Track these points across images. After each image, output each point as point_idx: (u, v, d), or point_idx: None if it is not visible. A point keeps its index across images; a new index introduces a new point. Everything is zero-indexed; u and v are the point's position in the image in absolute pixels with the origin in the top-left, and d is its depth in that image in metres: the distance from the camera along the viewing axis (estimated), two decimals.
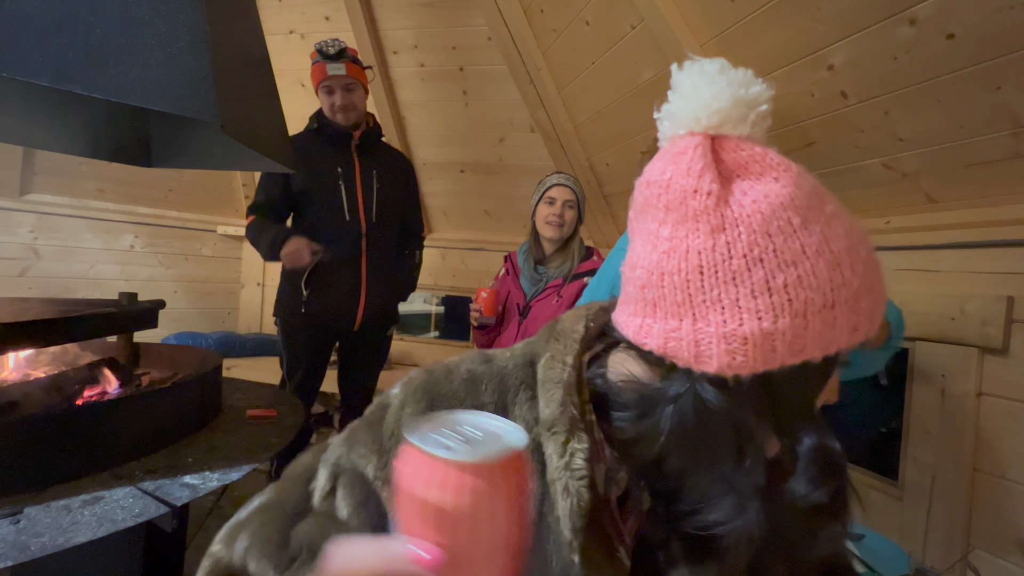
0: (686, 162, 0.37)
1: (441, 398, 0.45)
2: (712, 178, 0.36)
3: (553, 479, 0.40)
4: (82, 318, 1.04)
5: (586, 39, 1.86)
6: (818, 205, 0.37)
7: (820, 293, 0.35)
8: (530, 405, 0.44)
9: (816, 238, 0.35)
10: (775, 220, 0.35)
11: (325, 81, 1.71)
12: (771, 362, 0.35)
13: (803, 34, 1.23)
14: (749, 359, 0.35)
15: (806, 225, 0.35)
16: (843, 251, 0.36)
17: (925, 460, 1.15)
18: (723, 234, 0.35)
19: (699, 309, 0.36)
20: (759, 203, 0.36)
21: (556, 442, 0.40)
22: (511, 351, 0.49)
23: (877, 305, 0.37)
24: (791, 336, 0.34)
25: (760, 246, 0.35)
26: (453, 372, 0.47)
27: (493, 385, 0.46)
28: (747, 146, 0.39)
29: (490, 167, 2.60)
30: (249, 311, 3.05)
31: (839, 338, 0.35)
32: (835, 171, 1.35)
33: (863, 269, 0.36)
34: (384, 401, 0.47)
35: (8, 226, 2.37)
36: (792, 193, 0.36)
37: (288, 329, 1.81)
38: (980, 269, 1.08)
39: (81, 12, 0.80)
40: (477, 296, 1.67)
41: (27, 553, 0.68)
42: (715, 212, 0.36)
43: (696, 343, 0.36)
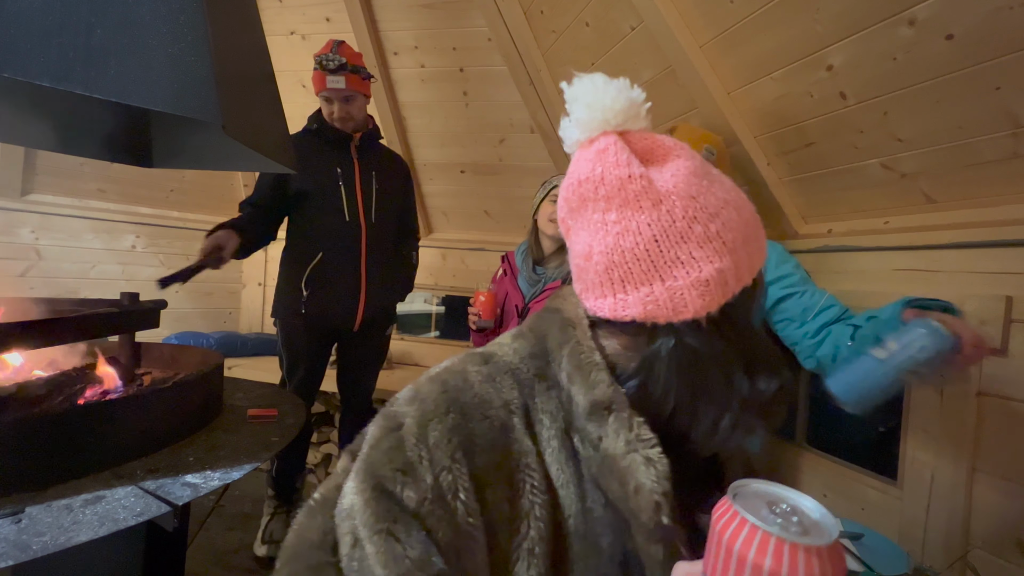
0: (612, 157, 0.44)
1: (469, 407, 0.44)
2: (638, 164, 0.44)
3: (618, 454, 0.42)
4: (83, 318, 1.04)
5: (586, 40, 1.86)
6: (709, 170, 0.46)
7: (739, 231, 0.43)
8: (549, 396, 0.46)
9: (720, 192, 0.44)
10: (693, 185, 0.43)
11: (324, 92, 1.72)
12: (727, 293, 0.42)
13: (802, 35, 1.23)
14: (714, 296, 0.42)
15: (711, 184, 0.44)
16: (737, 198, 0.45)
17: (924, 459, 1.15)
18: (662, 205, 0.42)
19: (664, 270, 0.42)
20: (677, 176, 0.43)
21: (619, 419, 0.43)
22: (506, 346, 0.51)
23: (761, 230, 0.47)
24: (733, 269, 0.42)
25: (692, 207, 0.42)
26: (467, 377, 0.46)
27: (509, 382, 0.47)
28: (648, 136, 0.47)
29: (490, 168, 2.61)
30: (250, 311, 3.06)
31: (758, 260, 0.45)
32: (834, 171, 1.36)
33: (747, 204, 0.46)
34: (392, 420, 0.44)
35: (10, 226, 2.37)
36: (694, 164, 0.45)
37: (288, 329, 1.81)
38: (979, 269, 1.08)
39: (82, 13, 0.80)
40: (475, 299, 1.67)
41: (28, 552, 0.68)
42: (650, 190, 0.43)
43: (671, 298, 0.42)
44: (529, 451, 0.43)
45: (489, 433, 0.43)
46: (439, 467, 0.40)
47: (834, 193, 1.41)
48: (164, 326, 1.36)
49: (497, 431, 0.43)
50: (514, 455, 0.43)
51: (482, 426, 0.43)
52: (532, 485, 0.42)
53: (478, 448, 0.42)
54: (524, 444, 0.44)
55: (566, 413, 0.45)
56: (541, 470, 0.43)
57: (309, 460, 2.30)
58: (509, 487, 0.42)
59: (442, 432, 0.41)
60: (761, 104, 1.43)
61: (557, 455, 0.44)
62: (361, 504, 0.39)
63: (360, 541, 0.38)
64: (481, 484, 0.41)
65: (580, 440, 0.44)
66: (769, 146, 1.49)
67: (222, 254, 1.49)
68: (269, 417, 1.26)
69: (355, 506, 0.39)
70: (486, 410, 0.44)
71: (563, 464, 0.44)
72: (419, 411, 0.43)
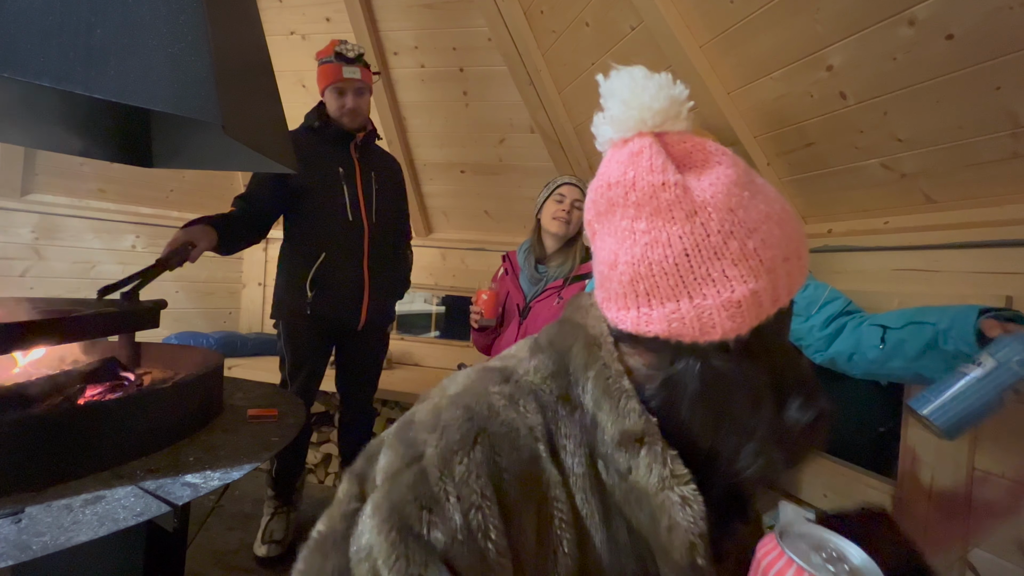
0: (646, 161, 0.41)
1: (497, 437, 0.41)
2: (674, 171, 0.41)
3: (651, 490, 0.40)
4: (83, 318, 1.04)
5: (586, 40, 1.86)
6: (753, 179, 0.42)
7: (779, 249, 0.40)
8: (570, 419, 0.44)
9: (763, 205, 0.41)
10: (732, 197, 0.40)
11: (339, 83, 1.71)
12: (760, 315, 0.40)
13: (802, 35, 1.23)
14: (745, 318, 0.39)
15: (753, 196, 0.41)
16: (781, 211, 0.42)
17: (924, 459, 1.15)
18: (696, 217, 0.40)
19: (693, 287, 0.40)
20: (715, 185, 0.40)
21: (652, 453, 0.40)
22: (524, 362, 0.48)
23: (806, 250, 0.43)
24: (770, 290, 0.39)
25: (729, 220, 0.39)
26: (491, 402, 0.44)
27: (532, 405, 0.44)
28: (688, 138, 0.43)
29: (490, 168, 2.61)
30: (250, 311, 3.06)
31: (797, 280, 0.41)
32: (834, 171, 1.36)
33: (793, 220, 0.42)
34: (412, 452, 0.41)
35: (9, 226, 2.37)
36: (736, 172, 0.41)
37: (291, 331, 1.80)
38: (979, 269, 1.08)
39: (82, 13, 0.80)
40: (477, 298, 1.67)
41: (28, 552, 0.68)
42: (685, 200, 0.40)
43: (699, 318, 0.40)
44: (556, 482, 0.42)
45: (517, 465, 0.40)
46: (467, 505, 0.37)
47: (834, 193, 1.41)
48: (164, 326, 1.36)
49: (526, 463, 0.41)
50: (542, 486, 0.41)
51: (511, 458, 0.41)
52: (560, 518, 0.41)
53: (507, 482, 0.39)
54: (551, 474, 0.42)
55: (589, 438, 0.43)
56: (568, 500, 0.41)
57: (309, 460, 2.30)
58: (537, 519, 0.40)
59: (469, 466, 0.39)
60: (761, 104, 1.43)
61: (581, 482, 0.42)
62: (385, 546, 0.36)
63: None
64: (509, 519, 0.39)
65: (604, 467, 0.42)
66: (769, 146, 1.50)
67: (192, 252, 1.41)
68: (269, 417, 1.25)
69: (376, 547, 0.36)
70: (514, 440, 0.41)
71: (588, 492, 0.42)
72: (443, 441, 0.41)
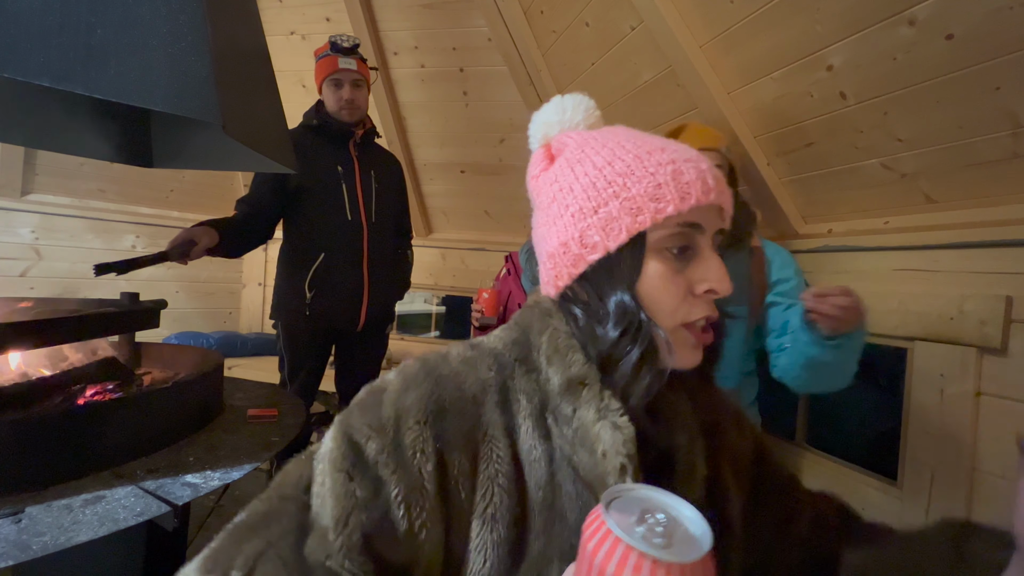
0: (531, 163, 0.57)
1: (444, 378, 0.47)
2: (539, 163, 0.55)
3: (590, 422, 0.44)
4: (84, 318, 1.04)
5: (586, 40, 1.86)
6: (594, 147, 0.50)
7: (589, 199, 0.47)
8: (528, 378, 0.49)
9: (585, 166, 0.49)
10: (559, 171, 0.52)
11: (335, 74, 1.71)
12: (576, 263, 0.48)
13: (802, 35, 1.23)
14: (562, 267, 0.50)
15: (580, 162, 0.50)
16: (605, 164, 0.48)
17: (924, 460, 1.15)
18: (537, 197, 0.54)
19: (540, 254, 0.54)
20: (555, 167, 0.53)
21: (591, 392, 0.46)
22: (493, 336, 0.54)
23: (657, 188, 0.45)
24: (578, 237, 0.47)
25: (550, 191, 0.51)
26: (448, 356, 0.51)
27: (489, 362, 0.50)
28: (563, 137, 0.55)
29: (490, 168, 2.61)
30: (250, 311, 3.06)
31: (622, 224, 0.46)
32: (834, 171, 1.36)
33: (627, 168, 0.47)
34: (378, 387, 0.48)
35: (9, 226, 2.37)
36: (571, 148, 0.52)
37: (291, 331, 1.79)
38: (979, 269, 1.08)
39: (82, 12, 0.80)
40: (478, 297, 1.67)
41: (28, 552, 0.68)
42: (539, 180, 0.54)
43: (544, 275, 0.53)
44: (496, 423, 0.46)
45: (459, 403, 0.46)
46: (405, 425, 0.44)
47: (834, 193, 1.41)
48: (164, 326, 1.36)
49: (468, 401, 0.46)
50: (482, 425, 0.46)
51: (453, 395, 0.46)
52: (497, 455, 0.45)
53: (447, 414, 0.45)
54: (492, 417, 0.47)
55: (542, 394, 0.48)
56: (507, 442, 0.46)
57: None
58: (473, 454, 0.45)
59: (417, 396, 0.45)
60: (761, 104, 1.43)
61: (532, 432, 0.47)
62: (332, 448, 0.44)
63: (325, 478, 0.42)
64: (445, 447, 0.44)
65: (554, 420, 0.47)
66: (769, 146, 1.50)
67: (192, 249, 1.42)
68: (269, 417, 1.26)
69: (327, 450, 0.44)
70: (459, 383, 0.47)
71: (536, 441, 0.46)
72: (400, 378, 0.48)
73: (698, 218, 0.46)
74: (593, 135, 0.52)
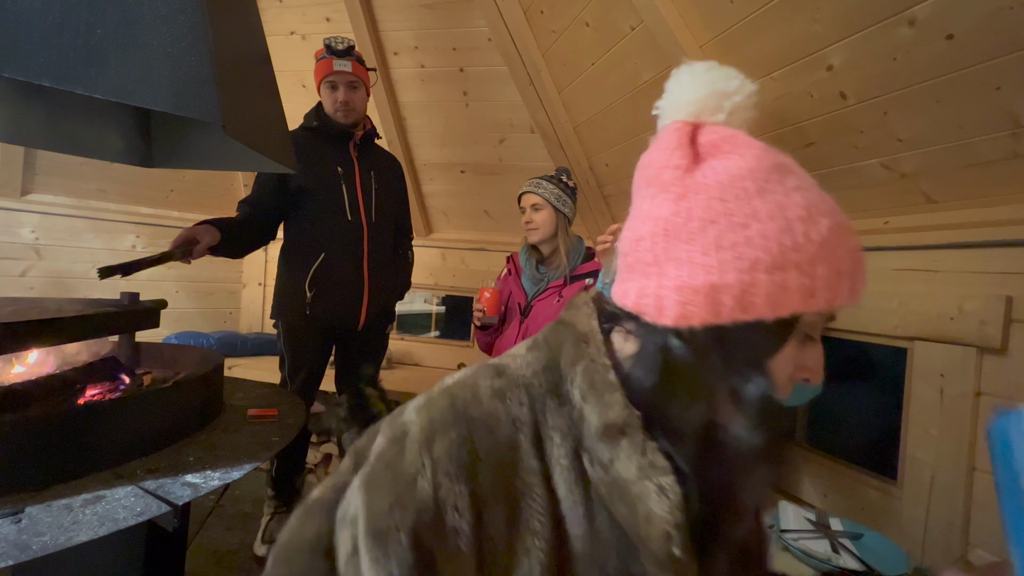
0: (663, 143, 0.43)
1: (476, 422, 0.42)
2: (683, 154, 0.42)
3: (631, 480, 0.40)
4: (84, 318, 1.04)
5: (586, 40, 1.86)
6: (778, 178, 0.40)
7: (769, 254, 0.37)
8: (560, 412, 0.44)
9: (771, 205, 0.38)
10: (731, 188, 0.39)
11: (330, 76, 1.71)
12: (720, 315, 0.38)
13: (802, 35, 1.23)
14: (699, 310, 0.38)
15: (761, 192, 0.39)
16: (799, 219, 0.38)
17: (924, 459, 1.15)
18: (685, 200, 0.40)
19: (663, 267, 0.40)
20: (719, 174, 0.40)
21: (632, 443, 0.40)
22: (520, 359, 0.48)
23: (838, 275, 0.39)
24: (739, 291, 0.37)
25: (715, 209, 0.39)
26: (478, 391, 0.45)
27: (520, 396, 0.45)
28: (720, 130, 0.43)
29: (490, 168, 2.61)
30: (250, 311, 3.06)
31: (791, 300, 0.38)
32: (834, 171, 1.36)
33: (822, 239, 0.38)
34: (399, 431, 0.43)
35: (9, 226, 2.37)
36: (751, 165, 0.40)
37: (291, 331, 1.80)
38: (979, 269, 1.08)
39: (82, 12, 0.80)
40: (480, 296, 1.68)
41: (28, 552, 0.68)
42: (680, 183, 0.41)
43: (658, 297, 0.40)
44: (534, 471, 0.42)
45: (494, 451, 0.41)
46: (439, 480, 0.39)
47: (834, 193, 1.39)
48: (164, 326, 1.36)
49: (503, 448, 0.42)
50: (520, 474, 0.42)
51: (487, 443, 0.41)
52: (537, 508, 0.41)
53: (482, 465, 0.40)
54: (530, 463, 0.42)
55: (576, 431, 0.43)
56: (545, 491, 0.42)
57: (309, 460, 2.30)
58: (511, 507, 0.41)
59: (446, 446, 0.40)
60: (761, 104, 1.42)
61: (566, 475, 0.42)
62: (364, 514, 0.39)
63: (359, 549, 0.38)
64: (481, 502, 0.40)
65: (589, 460, 0.42)
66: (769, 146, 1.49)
67: (194, 248, 1.42)
68: (269, 417, 1.25)
69: (358, 515, 0.39)
70: (492, 426, 0.42)
71: (572, 485, 0.42)
72: (426, 421, 0.42)
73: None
74: (762, 152, 0.41)
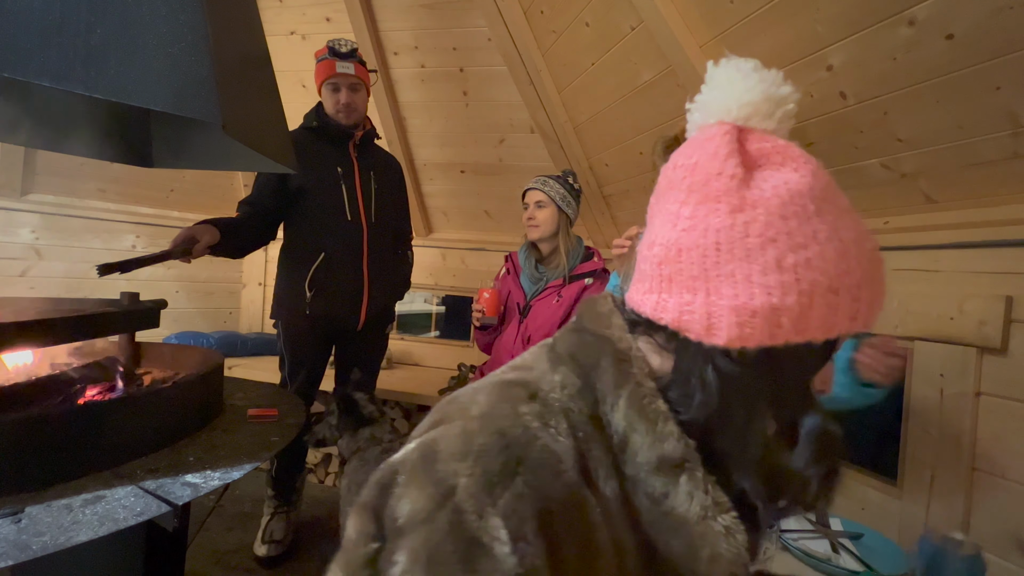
0: (713, 147, 0.40)
1: (540, 465, 0.37)
2: (737, 163, 0.39)
3: (692, 519, 0.38)
4: (84, 318, 1.04)
5: (586, 40, 1.86)
6: (832, 198, 0.39)
7: (826, 276, 0.36)
8: (599, 440, 0.41)
9: (828, 226, 0.37)
10: (792, 205, 0.37)
11: (332, 78, 1.72)
12: (776, 337, 0.37)
13: (802, 35, 1.23)
14: (756, 332, 0.36)
15: (820, 213, 0.37)
16: (851, 241, 0.37)
17: (924, 459, 1.15)
18: (742, 214, 0.37)
19: (713, 283, 0.38)
20: (778, 188, 0.38)
21: (692, 480, 0.38)
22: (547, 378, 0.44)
23: (877, 298, 0.39)
24: (797, 314, 0.36)
25: (776, 227, 0.37)
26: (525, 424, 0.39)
27: (560, 425, 0.40)
28: (771, 138, 0.41)
29: (490, 168, 2.61)
30: (250, 311, 3.06)
31: (840, 323, 0.37)
32: (834, 171, 1.34)
33: (867, 261, 0.38)
34: (442, 488, 0.35)
35: (9, 226, 2.37)
36: (810, 183, 0.38)
37: (291, 331, 1.80)
38: (979, 269, 1.08)
39: (82, 12, 0.80)
40: (479, 296, 1.68)
41: (28, 552, 0.68)
42: (736, 193, 0.38)
43: (708, 315, 0.38)
44: (594, 507, 0.38)
45: (561, 493, 0.37)
46: (517, 542, 0.33)
47: None
48: (164, 326, 1.36)
49: (570, 488, 0.37)
50: (586, 514, 0.37)
51: (553, 487, 0.36)
52: (603, 548, 0.38)
53: (555, 515, 0.35)
54: (590, 501, 0.38)
55: (618, 460, 0.40)
56: (608, 532, 0.38)
57: (309, 460, 2.30)
58: (584, 554, 0.37)
59: (511, 500, 0.34)
60: None
61: (616, 508, 0.39)
62: None
63: None
64: (557, 558, 0.35)
65: (632, 489, 0.40)
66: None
67: (194, 247, 1.41)
68: (269, 417, 1.26)
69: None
70: (555, 467, 0.37)
71: (621, 518, 0.39)
72: (478, 470, 0.36)
73: None
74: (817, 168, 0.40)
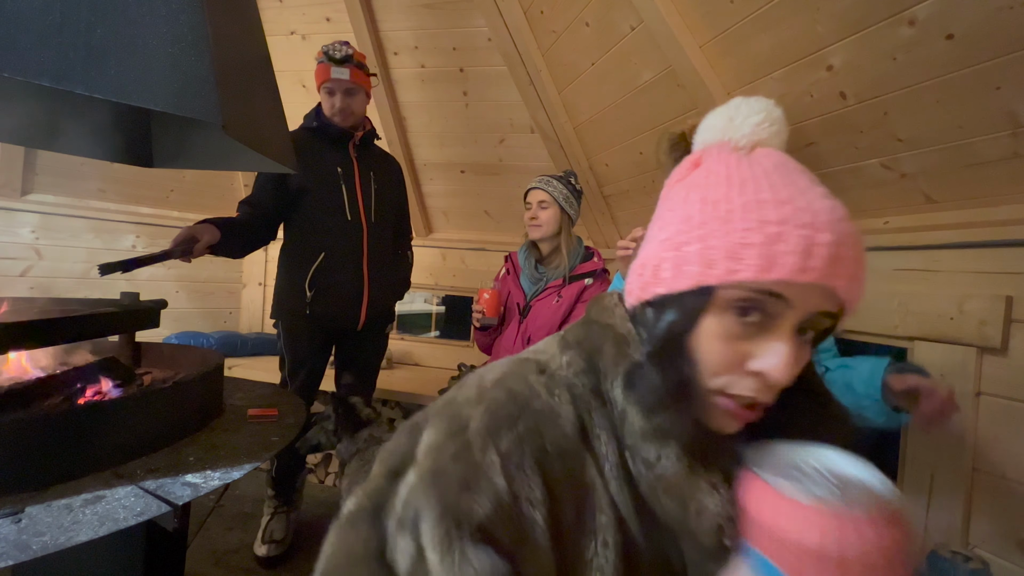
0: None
1: (542, 413, 0.43)
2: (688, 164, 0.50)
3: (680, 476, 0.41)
4: (84, 318, 1.04)
5: (586, 40, 1.86)
6: (747, 171, 0.44)
7: (712, 223, 0.41)
8: (602, 412, 0.45)
9: (699, 195, 0.44)
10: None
11: (327, 83, 1.72)
12: (647, 289, 0.45)
13: (802, 35, 1.23)
14: (642, 280, 0.47)
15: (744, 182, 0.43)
16: (747, 205, 0.41)
17: (924, 459, 1.15)
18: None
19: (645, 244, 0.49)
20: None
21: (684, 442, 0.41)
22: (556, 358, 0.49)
23: (740, 247, 0.39)
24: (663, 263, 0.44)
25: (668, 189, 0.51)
26: (532, 385, 0.45)
27: (566, 396, 0.45)
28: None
29: (490, 168, 2.61)
30: (251, 311, 3.06)
31: (691, 270, 0.41)
32: (834, 171, 1.36)
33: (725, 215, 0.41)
34: (456, 425, 0.42)
35: (9, 226, 2.37)
36: (722, 169, 0.46)
37: (291, 331, 1.80)
38: (979, 269, 1.08)
39: (82, 12, 0.80)
40: (479, 297, 1.68)
41: (28, 552, 0.68)
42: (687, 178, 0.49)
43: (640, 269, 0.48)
44: (593, 464, 0.43)
45: (561, 442, 0.42)
46: (512, 473, 0.39)
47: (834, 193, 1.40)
48: (164, 326, 1.36)
49: (569, 440, 0.42)
50: (583, 466, 0.42)
51: (553, 435, 0.42)
52: (601, 502, 0.41)
53: (551, 457, 0.41)
54: (588, 457, 0.43)
55: (618, 431, 0.44)
56: (604, 486, 0.42)
57: (309, 460, 2.30)
58: (579, 499, 0.41)
59: (513, 440, 0.40)
60: None
61: (616, 471, 0.43)
62: (432, 513, 0.37)
63: (424, 552, 0.36)
64: (553, 494, 0.40)
65: (632, 458, 0.43)
66: None
67: (194, 246, 1.41)
68: (269, 417, 1.25)
69: (420, 515, 0.37)
70: (555, 420, 0.43)
71: (621, 482, 0.43)
72: (487, 414, 0.42)
73: (785, 290, 0.38)
74: (734, 161, 0.45)
